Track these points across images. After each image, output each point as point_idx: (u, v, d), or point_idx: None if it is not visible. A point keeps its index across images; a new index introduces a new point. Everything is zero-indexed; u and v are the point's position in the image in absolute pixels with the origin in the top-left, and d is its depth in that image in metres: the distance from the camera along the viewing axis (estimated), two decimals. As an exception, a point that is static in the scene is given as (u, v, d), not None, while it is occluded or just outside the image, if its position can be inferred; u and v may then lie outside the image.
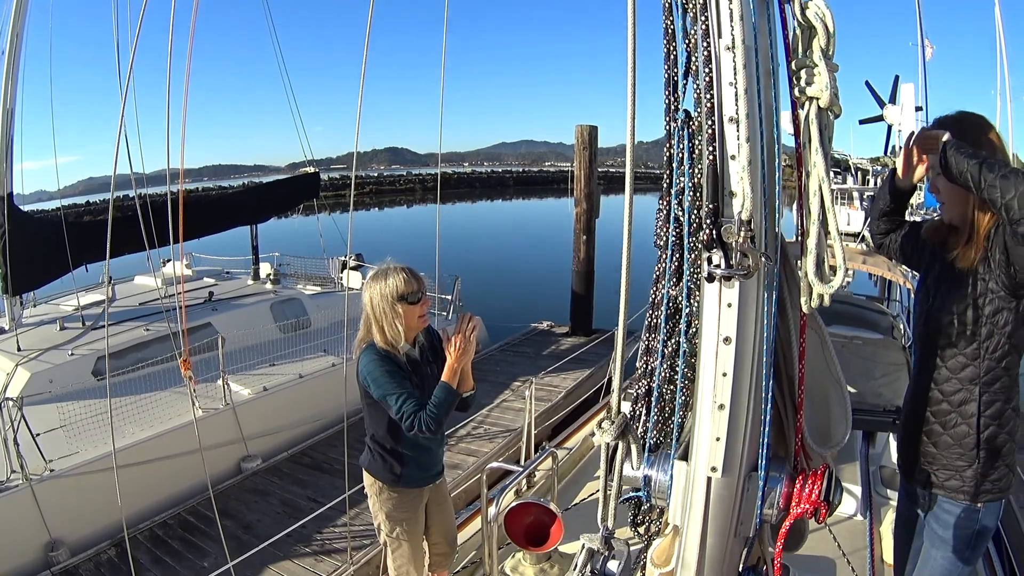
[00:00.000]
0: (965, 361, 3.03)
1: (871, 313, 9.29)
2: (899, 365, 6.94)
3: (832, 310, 8.53)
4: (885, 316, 9.32)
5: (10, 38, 12.45)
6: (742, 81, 1.99)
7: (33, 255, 12.81)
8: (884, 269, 10.25)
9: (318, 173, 18.64)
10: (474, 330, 4.28)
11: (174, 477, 10.02)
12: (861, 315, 9.06)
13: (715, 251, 2.04)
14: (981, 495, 3.11)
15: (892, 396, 5.87)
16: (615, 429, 2.39)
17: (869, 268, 10.43)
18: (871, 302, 10.73)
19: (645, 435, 2.57)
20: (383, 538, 4.97)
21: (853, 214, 33.90)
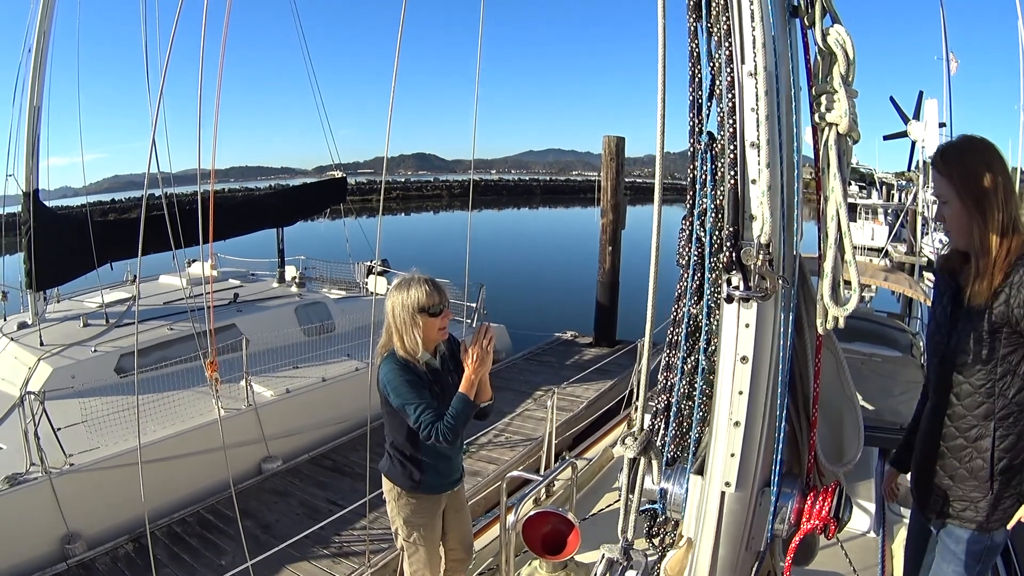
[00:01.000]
0: (981, 399, 3.04)
1: (891, 330, 9.26)
2: (917, 383, 6.95)
3: (853, 327, 8.52)
4: (904, 334, 9.29)
5: (37, 36, 12.57)
6: (763, 107, 2.03)
7: (57, 251, 12.93)
8: (905, 287, 10.24)
9: (345, 178, 18.62)
10: (491, 341, 4.32)
11: (195, 475, 10.07)
12: (881, 332, 9.04)
13: (734, 273, 2.08)
14: (993, 522, 3.13)
15: (909, 414, 5.87)
16: (638, 445, 2.44)
17: (891, 285, 10.42)
18: (891, 319, 10.68)
19: (663, 449, 2.60)
20: (400, 543, 5.01)
21: (877, 229, 33.76)
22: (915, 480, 3.46)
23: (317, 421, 12.29)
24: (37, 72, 12.76)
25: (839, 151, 2.09)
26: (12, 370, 11.30)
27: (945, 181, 3.00)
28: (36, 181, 12.90)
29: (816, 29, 2.12)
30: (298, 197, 18.39)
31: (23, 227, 12.59)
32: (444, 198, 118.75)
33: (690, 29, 2.28)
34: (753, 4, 2.07)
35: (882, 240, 29.38)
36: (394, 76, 5.21)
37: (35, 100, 12.81)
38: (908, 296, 11.81)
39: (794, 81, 2.18)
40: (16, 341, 12.02)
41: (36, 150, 12.94)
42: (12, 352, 11.80)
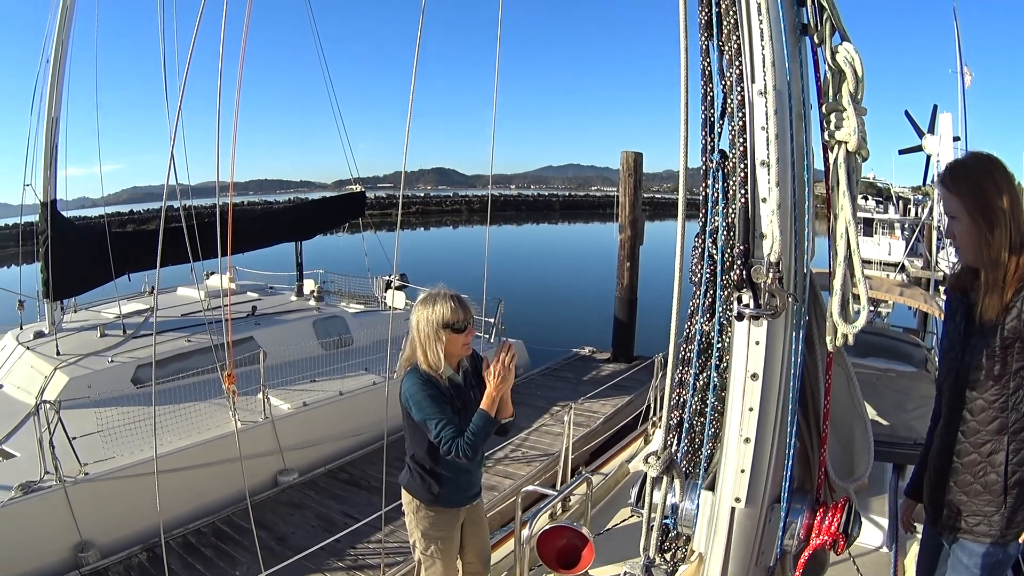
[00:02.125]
0: (994, 414, 3.04)
1: (905, 345, 9.21)
2: (931, 398, 6.91)
3: (868, 342, 8.50)
4: (919, 349, 9.24)
5: (55, 47, 12.64)
6: (773, 126, 2.04)
7: (74, 262, 12.99)
8: (921, 302, 10.20)
9: (364, 192, 18.67)
10: (513, 359, 4.29)
11: (210, 486, 10.09)
12: (896, 347, 8.99)
13: (745, 291, 2.09)
14: (1008, 536, 3.13)
15: (923, 429, 5.85)
16: (660, 464, 2.44)
17: (907, 300, 10.38)
18: (906, 334, 10.61)
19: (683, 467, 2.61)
20: (417, 555, 5.00)
21: (894, 244, 33.59)
22: (928, 495, 3.46)
23: (334, 434, 12.28)
24: (55, 83, 12.82)
25: (848, 169, 2.11)
26: (28, 379, 11.36)
27: (954, 198, 3.01)
28: (54, 191, 12.96)
29: (826, 47, 2.15)
30: (317, 211, 18.44)
31: (40, 237, 12.66)
32: (463, 213, 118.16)
33: (702, 47, 2.30)
34: (763, 23, 2.09)
35: (899, 255, 29.30)
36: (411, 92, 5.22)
37: (53, 111, 12.87)
38: (924, 311, 11.77)
39: (805, 99, 2.19)
40: (32, 350, 12.05)
41: (54, 161, 13.00)
42: (28, 361, 11.84)
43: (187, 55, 4.58)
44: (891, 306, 14.91)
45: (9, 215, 60.51)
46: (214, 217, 5.93)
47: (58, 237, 12.56)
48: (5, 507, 8.27)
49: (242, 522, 9.52)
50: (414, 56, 5.10)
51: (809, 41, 2.24)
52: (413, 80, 4.96)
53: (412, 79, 5.00)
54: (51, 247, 12.41)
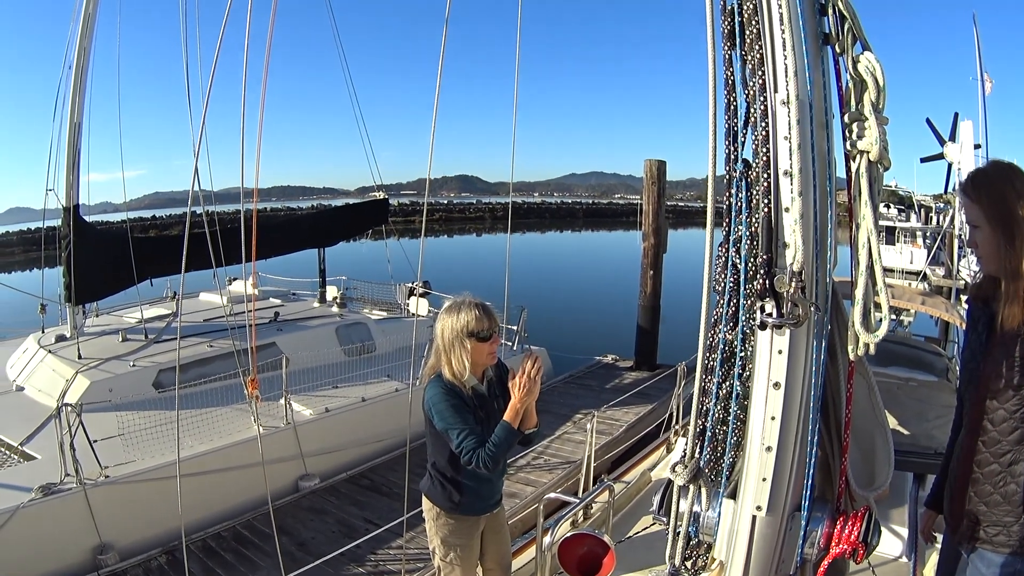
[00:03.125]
0: (1015, 424, 3.02)
1: (927, 355, 9.18)
2: (951, 408, 6.89)
3: (889, 352, 8.47)
4: (940, 358, 9.20)
5: (77, 53, 12.74)
6: (796, 136, 2.05)
7: (97, 266, 13.07)
8: (942, 311, 10.17)
9: (387, 199, 18.69)
10: (539, 371, 4.26)
11: (231, 491, 10.15)
12: (918, 357, 8.96)
13: (767, 300, 2.10)
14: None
15: (944, 439, 5.82)
16: (688, 473, 2.45)
17: (928, 309, 10.35)
18: (928, 343, 10.58)
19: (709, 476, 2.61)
20: (437, 562, 4.99)
21: (916, 252, 33.47)
22: (948, 505, 3.44)
23: (356, 440, 12.31)
24: (77, 89, 12.93)
25: (870, 179, 2.12)
26: (50, 382, 11.43)
27: (975, 207, 3.00)
28: (76, 196, 13.03)
29: (847, 56, 2.15)
30: (340, 218, 18.45)
31: (63, 241, 12.75)
32: (487, 220, 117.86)
33: (725, 57, 2.30)
34: (785, 32, 2.09)
35: (921, 263, 29.23)
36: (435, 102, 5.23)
37: (75, 116, 12.98)
38: (945, 320, 11.71)
39: (827, 108, 2.19)
40: (54, 354, 12.13)
41: (76, 165, 13.10)
42: (50, 364, 11.92)
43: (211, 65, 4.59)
44: (913, 315, 14.85)
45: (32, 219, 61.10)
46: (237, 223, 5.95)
47: (80, 241, 12.66)
48: (25, 508, 8.33)
49: (262, 527, 9.57)
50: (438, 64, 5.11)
51: (831, 51, 2.24)
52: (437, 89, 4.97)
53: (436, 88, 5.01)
54: (73, 251, 12.49)
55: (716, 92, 2.20)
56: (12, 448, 9.73)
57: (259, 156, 5.44)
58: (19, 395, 11.70)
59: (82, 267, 12.72)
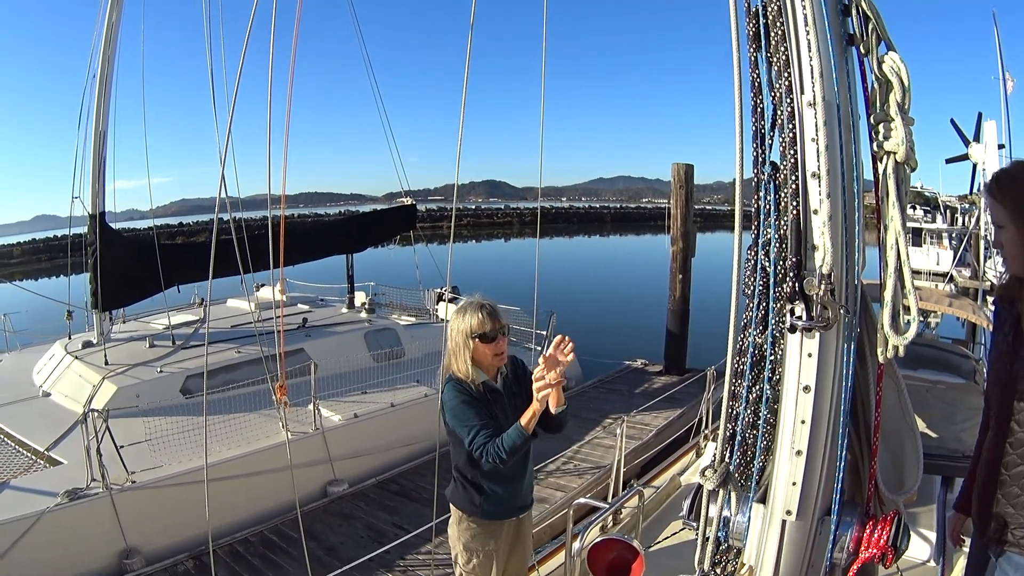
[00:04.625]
0: None
1: (954, 357, 9.13)
2: (979, 410, 6.85)
3: (917, 354, 8.43)
4: (968, 360, 9.14)
5: (101, 62, 12.87)
6: (823, 138, 2.05)
7: (123, 273, 13.18)
8: (969, 312, 10.13)
9: (415, 204, 18.73)
10: (570, 351, 4.18)
11: (258, 496, 10.19)
12: (946, 359, 8.92)
13: (797, 303, 2.10)
14: None
15: (971, 442, 5.77)
16: (717, 477, 2.44)
17: (955, 311, 10.31)
18: (955, 346, 10.52)
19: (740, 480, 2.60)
20: (459, 571, 5.00)
21: (942, 254, 33.31)
22: (976, 508, 3.42)
23: (384, 445, 12.32)
24: (102, 98, 13.04)
25: (898, 179, 2.11)
26: (77, 388, 11.49)
27: (1000, 207, 2.98)
28: (102, 204, 13.15)
29: (872, 57, 2.14)
30: (368, 224, 18.47)
31: (89, 248, 12.84)
32: (515, 225, 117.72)
33: (751, 59, 2.29)
34: (810, 34, 2.09)
35: (947, 265, 29.11)
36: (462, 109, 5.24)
37: (100, 125, 13.10)
38: (972, 322, 11.66)
39: (853, 110, 2.18)
40: (81, 359, 12.21)
41: (102, 173, 13.21)
42: (77, 370, 11.99)
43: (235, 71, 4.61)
44: (940, 317, 14.80)
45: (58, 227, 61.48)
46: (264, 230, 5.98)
47: (106, 248, 12.74)
48: (51, 513, 8.37)
49: (290, 532, 9.61)
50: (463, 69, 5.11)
51: (856, 52, 2.23)
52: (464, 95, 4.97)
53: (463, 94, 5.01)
54: (100, 258, 12.57)
55: (742, 94, 2.19)
56: (38, 453, 9.78)
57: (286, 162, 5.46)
58: (45, 401, 11.77)
59: (108, 274, 12.82)
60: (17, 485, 8.92)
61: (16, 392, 12.10)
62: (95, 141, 13.08)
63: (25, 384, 12.57)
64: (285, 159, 5.43)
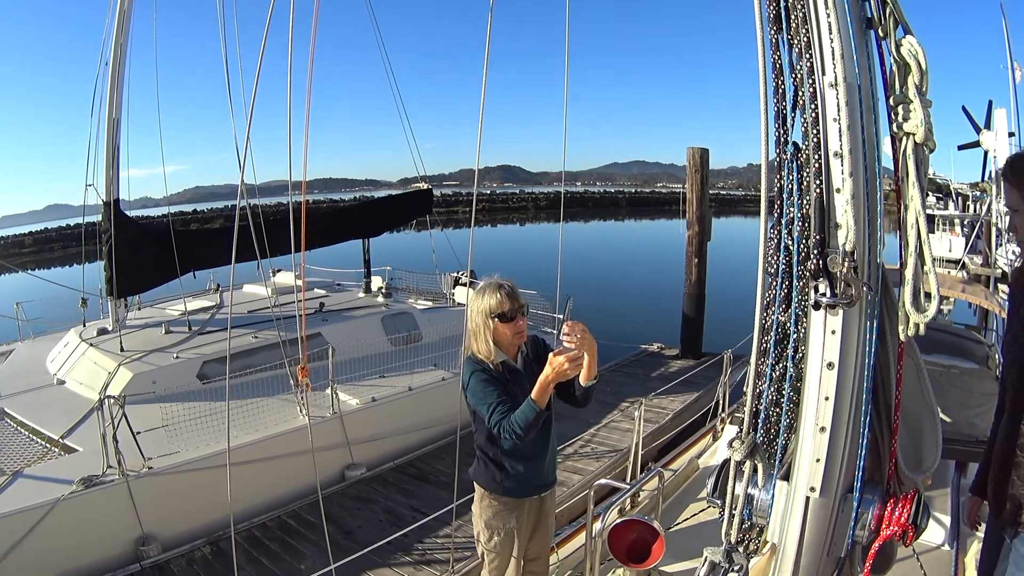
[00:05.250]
0: None
1: (968, 342, 9.11)
2: (993, 395, 6.84)
3: (931, 339, 8.42)
4: (981, 346, 9.12)
5: (114, 50, 12.88)
6: (845, 117, 2.07)
7: (137, 260, 13.25)
8: (982, 298, 10.12)
9: (431, 189, 18.75)
10: (581, 335, 4.15)
11: (276, 481, 10.23)
12: (959, 344, 8.91)
13: (821, 280, 2.12)
14: None
15: (985, 427, 5.77)
16: (745, 448, 2.47)
17: (968, 296, 10.31)
18: (968, 331, 10.49)
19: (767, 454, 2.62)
20: (481, 549, 5.03)
21: (955, 241, 33.21)
22: (992, 490, 3.43)
23: (402, 429, 12.38)
24: (115, 85, 13.07)
25: (917, 160, 2.13)
26: (92, 375, 11.53)
27: (1015, 191, 2.99)
28: (116, 191, 13.19)
29: (890, 40, 2.16)
30: (385, 208, 18.51)
31: (103, 236, 12.89)
32: (530, 210, 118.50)
33: (772, 41, 2.31)
34: (830, 15, 2.11)
35: (959, 252, 29.02)
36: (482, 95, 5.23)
37: (114, 113, 13.12)
38: (984, 308, 11.64)
39: (873, 91, 2.20)
40: (96, 347, 12.25)
41: (116, 161, 13.24)
42: (92, 357, 12.02)
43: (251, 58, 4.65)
44: (952, 303, 14.80)
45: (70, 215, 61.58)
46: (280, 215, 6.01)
47: (121, 235, 12.78)
48: (66, 500, 8.39)
49: (308, 516, 9.67)
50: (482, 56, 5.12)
51: (874, 35, 2.25)
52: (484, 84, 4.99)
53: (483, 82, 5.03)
54: (114, 245, 12.62)
55: (765, 75, 2.22)
56: (53, 441, 9.80)
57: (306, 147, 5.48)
58: (60, 389, 11.78)
59: (124, 260, 12.88)
60: (32, 473, 8.94)
61: (30, 380, 12.14)
62: (108, 128, 13.10)
63: (39, 372, 12.61)
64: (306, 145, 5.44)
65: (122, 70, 13.09)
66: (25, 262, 55.10)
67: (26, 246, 74.28)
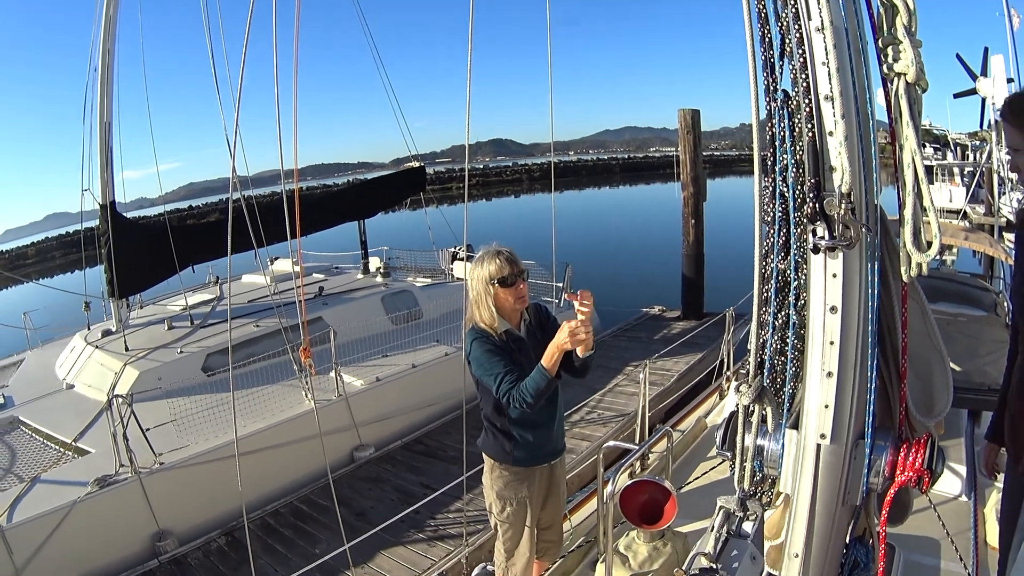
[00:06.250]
0: None
1: (974, 290, 9.10)
2: (1003, 342, 6.84)
3: (936, 287, 8.41)
4: (988, 293, 9.12)
5: (102, 55, 12.94)
6: (834, 60, 2.04)
7: (137, 259, 13.31)
8: (986, 245, 10.10)
9: (424, 167, 18.81)
10: (587, 317, 4.23)
11: (286, 467, 10.33)
12: (965, 292, 8.90)
13: (819, 224, 2.10)
14: None
15: (997, 375, 5.77)
16: (752, 392, 2.46)
17: (971, 244, 10.28)
18: (974, 279, 10.47)
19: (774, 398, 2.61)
20: (493, 520, 5.07)
21: (955, 191, 33.13)
22: (1010, 435, 3.41)
23: (408, 407, 12.47)
24: (105, 90, 13.14)
25: (909, 99, 2.10)
26: (99, 377, 11.60)
27: (1015, 131, 2.98)
28: (112, 193, 13.26)
29: (875, -19, 2.13)
30: (378, 189, 18.57)
31: (102, 238, 12.96)
32: (524, 182, 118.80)
33: (755, -12, 2.29)
34: (811, -41, 2.08)
35: (960, 201, 28.92)
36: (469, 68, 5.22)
37: (105, 116, 13.21)
38: (989, 256, 11.63)
39: (861, 35, 2.18)
40: (101, 348, 12.33)
41: (110, 164, 13.33)
42: (98, 359, 12.11)
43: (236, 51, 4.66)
44: (955, 254, 14.77)
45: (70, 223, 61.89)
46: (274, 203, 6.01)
47: (119, 236, 12.84)
48: (82, 502, 8.46)
49: (319, 500, 9.78)
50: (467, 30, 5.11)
51: (858, -23, 2.23)
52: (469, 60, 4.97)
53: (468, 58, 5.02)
54: (113, 245, 12.70)
55: (751, 25, 2.20)
56: (66, 445, 9.86)
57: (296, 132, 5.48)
58: (70, 393, 11.85)
59: (123, 261, 12.96)
60: (48, 479, 9.01)
61: (41, 388, 12.22)
62: (100, 132, 13.21)
63: (49, 379, 12.69)
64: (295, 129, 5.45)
65: (111, 74, 13.18)
66: (29, 272, 55.63)
67: (29, 257, 74.83)
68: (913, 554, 5.11)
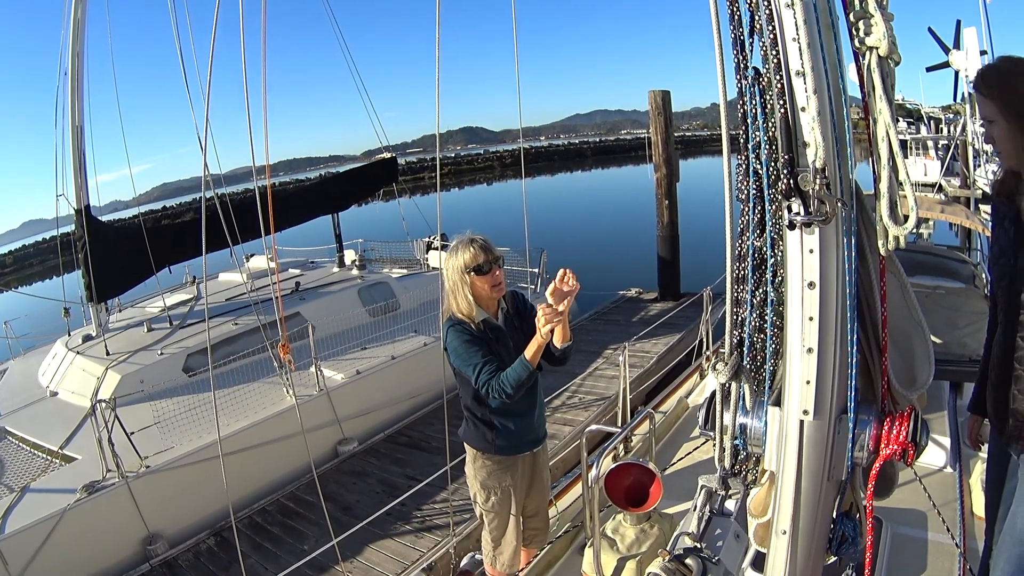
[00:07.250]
0: None
1: (952, 262, 9.12)
2: (982, 314, 6.86)
3: (914, 260, 8.43)
4: (966, 265, 9.13)
5: (71, 59, 12.88)
6: (804, 35, 2.04)
7: (113, 262, 13.27)
8: (962, 217, 10.13)
9: (395, 157, 18.82)
10: (571, 293, 4.25)
11: (271, 465, 10.34)
12: (942, 264, 8.91)
13: (794, 199, 2.10)
14: None
15: (977, 346, 5.79)
16: (729, 370, 2.47)
17: (948, 217, 10.31)
18: (952, 251, 10.50)
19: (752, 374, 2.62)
20: (479, 510, 5.09)
21: (929, 164, 33.27)
22: (992, 405, 3.42)
23: (390, 399, 12.51)
24: (75, 93, 13.08)
25: (882, 73, 2.10)
26: (81, 383, 11.57)
27: (989, 102, 2.99)
28: (86, 197, 13.21)
29: (843, -45, 2.13)
30: (351, 181, 18.62)
31: (78, 243, 12.94)
32: (496, 169, 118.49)
33: (723, -33, 2.29)
34: (777, -68, 2.08)
35: (935, 175, 29.02)
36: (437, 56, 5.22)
37: (76, 120, 13.15)
38: (966, 228, 11.66)
39: (831, 10, 2.18)
40: (82, 354, 12.29)
41: (83, 167, 13.29)
42: (80, 365, 12.06)
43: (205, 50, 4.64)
44: (932, 227, 14.83)
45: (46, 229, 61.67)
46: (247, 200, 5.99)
47: (95, 239, 12.83)
48: (72, 509, 8.44)
49: (305, 496, 9.80)
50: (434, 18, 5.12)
51: (826, -50, 2.23)
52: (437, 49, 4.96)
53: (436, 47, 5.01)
54: (89, 250, 12.69)
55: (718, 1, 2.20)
56: (53, 452, 9.86)
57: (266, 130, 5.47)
58: (54, 400, 11.83)
59: (100, 265, 12.92)
60: (37, 487, 9.02)
61: (25, 396, 12.20)
62: (73, 136, 13.16)
63: (32, 387, 12.66)
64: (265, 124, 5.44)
65: (81, 77, 13.11)
66: (9, 280, 55.34)
67: (7, 266, 74.21)
68: (900, 527, 5.15)
